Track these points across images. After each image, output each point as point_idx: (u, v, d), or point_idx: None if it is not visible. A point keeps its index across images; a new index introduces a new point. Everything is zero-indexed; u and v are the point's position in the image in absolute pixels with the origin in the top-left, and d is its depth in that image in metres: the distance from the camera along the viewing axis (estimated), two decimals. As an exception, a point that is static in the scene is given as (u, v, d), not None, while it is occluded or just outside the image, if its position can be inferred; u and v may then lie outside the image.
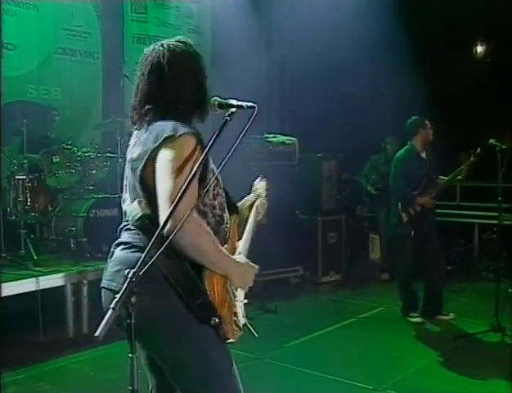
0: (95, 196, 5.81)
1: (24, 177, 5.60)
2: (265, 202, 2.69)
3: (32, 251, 5.40)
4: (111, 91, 7.16)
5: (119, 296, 1.63)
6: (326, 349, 5.09)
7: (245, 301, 2.30)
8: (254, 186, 2.76)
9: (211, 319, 2.01)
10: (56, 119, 6.34)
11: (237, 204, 2.48)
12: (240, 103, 1.94)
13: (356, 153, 7.80)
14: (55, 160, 5.81)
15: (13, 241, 5.56)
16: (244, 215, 2.54)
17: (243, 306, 2.27)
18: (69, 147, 5.96)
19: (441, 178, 5.70)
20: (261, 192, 2.71)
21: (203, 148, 2.01)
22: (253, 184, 2.78)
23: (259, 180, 2.80)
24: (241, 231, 2.42)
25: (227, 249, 2.18)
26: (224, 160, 1.79)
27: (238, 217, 2.39)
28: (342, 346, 5.13)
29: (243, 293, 2.26)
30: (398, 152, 5.88)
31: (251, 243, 2.43)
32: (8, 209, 5.63)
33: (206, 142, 1.89)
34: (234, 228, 2.29)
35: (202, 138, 2.05)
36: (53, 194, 5.98)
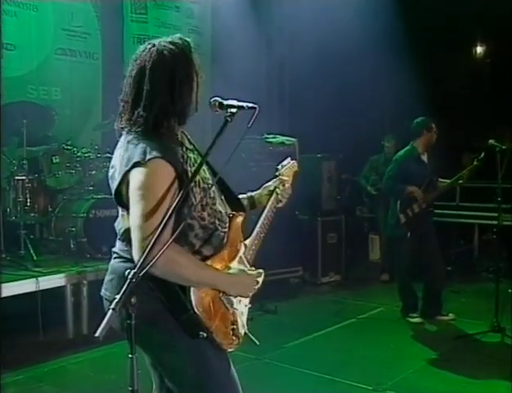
0: (95, 197, 5.81)
1: (23, 177, 5.60)
2: (288, 188, 2.48)
3: (32, 252, 5.39)
4: (111, 91, 7.10)
5: (119, 297, 1.63)
6: (326, 349, 5.09)
7: (249, 306, 2.25)
8: (279, 169, 2.54)
9: (199, 334, 1.98)
10: (56, 119, 6.34)
11: (243, 201, 2.37)
12: (241, 104, 1.94)
13: (355, 154, 7.81)
14: (55, 161, 5.81)
15: (13, 241, 5.56)
16: (261, 204, 2.42)
17: (245, 313, 2.22)
18: (68, 148, 5.96)
19: (441, 181, 5.70)
20: (285, 178, 2.49)
21: (176, 167, 1.96)
22: (277, 168, 2.54)
23: (287, 162, 2.58)
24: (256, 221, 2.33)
25: (226, 254, 2.14)
26: (225, 160, 1.79)
27: (245, 214, 2.28)
28: (341, 347, 5.13)
29: (246, 299, 2.21)
30: (397, 153, 5.87)
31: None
32: (8, 209, 5.63)
33: (207, 145, 1.88)
34: (237, 228, 2.20)
35: (174, 157, 1.99)
36: (53, 194, 5.97)
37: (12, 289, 4.76)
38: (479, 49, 9.44)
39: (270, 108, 8.84)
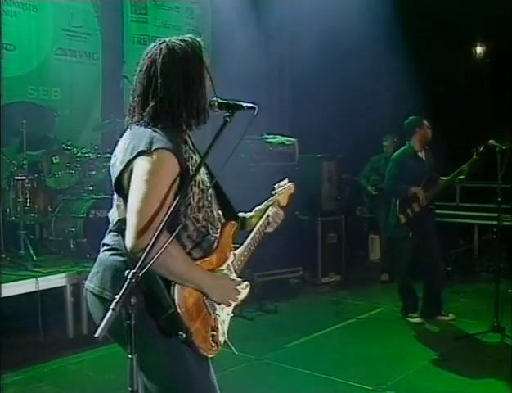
0: (94, 197, 5.81)
1: (23, 177, 5.61)
2: (281, 213, 2.44)
3: (31, 252, 5.40)
4: (111, 91, 7.17)
5: (119, 297, 1.63)
6: (326, 349, 5.09)
7: (231, 315, 2.23)
8: (276, 188, 2.50)
9: (178, 334, 1.95)
10: (56, 119, 6.34)
11: (238, 212, 2.35)
12: (240, 104, 1.93)
13: (356, 154, 7.81)
14: (54, 161, 5.82)
15: (13, 241, 5.57)
16: (251, 226, 2.38)
17: (227, 321, 2.20)
18: (68, 148, 5.97)
19: (441, 179, 5.70)
20: (280, 199, 2.45)
21: (180, 161, 1.96)
22: (274, 187, 2.50)
23: (285, 182, 2.54)
24: (244, 239, 2.31)
25: (214, 259, 2.13)
26: (223, 162, 1.79)
27: (237, 225, 2.27)
28: (341, 347, 5.13)
29: (228, 308, 2.19)
30: (395, 153, 5.89)
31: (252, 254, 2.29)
32: (8, 209, 5.63)
33: (206, 145, 1.88)
34: (228, 237, 2.20)
35: (179, 150, 1.98)
36: (53, 195, 5.98)
37: (12, 289, 4.76)
38: (479, 49, 9.44)
39: (270, 108, 8.84)
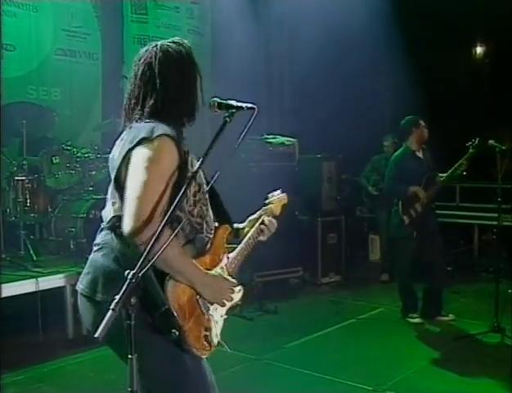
0: (94, 197, 5.81)
1: (23, 178, 5.60)
2: (274, 221, 2.41)
3: (31, 252, 5.40)
4: (111, 92, 7.16)
5: (119, 297, 1.63)
6: (326, 349, 5.09)
7: (225, 317, 2.21)
8: (269, 197, 2.51)
9: (170, 331, 1.93)
10: (56, 119, 6.34)
11: (230, 216, 2.34)
12: (240, 104, 1.93)
13: (355, 154, 7.80)
14: (54, 161, 5.82)
15: (13, 241, 5.56)
16: (246, 233, 2.37)
17: (220, 323, 2.19)
18: (68, 148, 5.97)
19: (440, 176, 5.68)
20: (273, 209, 2.45)
21: (180, 151, 1.98)
22: (267, 196, 2.51)
23: (278, 192, 2.53)
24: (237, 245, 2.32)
25: (208, 260, 2.14)
26: (225, 160, 1.79)
27: (229, 230, 2.28)
28: (341, 347, 5.13)
29: (222, 309, 2.18)
30: (393, 155, 5.90)
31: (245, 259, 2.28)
32: (8, 210, 5.63)
33: (206, 145, 1.87)
34: (221, 239, 2.21)
35: (180, 140, 2.02)
36: (53, 195, 5.98)
37: (12, 289, 4.76)
38: (479, 49, 9.44)
39: (270, 108, 8.84)
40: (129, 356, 1.71)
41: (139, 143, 1.96)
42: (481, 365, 4.55)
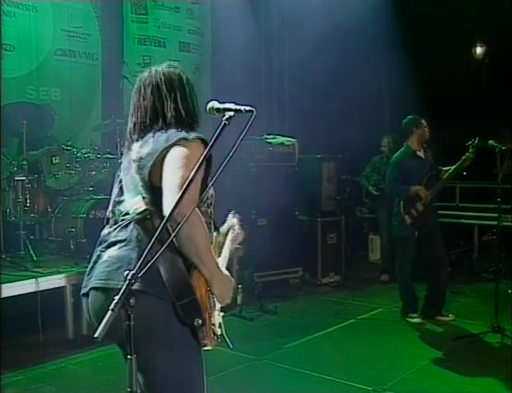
0: (94, 197, 5.81)
1: (23, 178, 5.60)
2: (240, 233, 2.61)
3: (31, 252, 5.39)
4: (111, 92, 7.17)
5: (118, 298, 1.63)
6: (326, 350, 5.09)
7: (222, 314, 2.31)
8: (228, 219, 2.64)
9: (194, 320, 2.03)
10: (56, 120, 6.34)
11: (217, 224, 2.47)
12: (238, 107, 1.92)
13: (355, 154, 7.80)
14: (54, 161, 5.82)
15: (13, 242, 5.57)
16: (220, 241, 2.51)
17: (220, 318, 2.30)
18: (68, 148, 5.97)
19: (444, 169, 5.64)
20: (233, 227, 2.61)
21: (209, 156, 2.10)
22: (227, 217, 2.65)
23: (232, 216, 2.66)
24: (219, 252, 2.45)
25: None
26: (220, 168, 1.80)
27: (219, 234, 2.42)
28: (341, 347, 5.13)
29: (218, 305, 2.28)
30: (394, 156, 5.90)
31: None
32: (8, 210, 5.63)
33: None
34: (215, 243, 2.36)
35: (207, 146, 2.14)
36: (53, 195, 5.97)
37: (12, 289, 4.76)
38: (479, 49, 9.44)
39: (270, 108, 8.85)
40: (128, 356, 1.71)
41: (178, 141, 2.13)
42: (481, 365, 4.55)
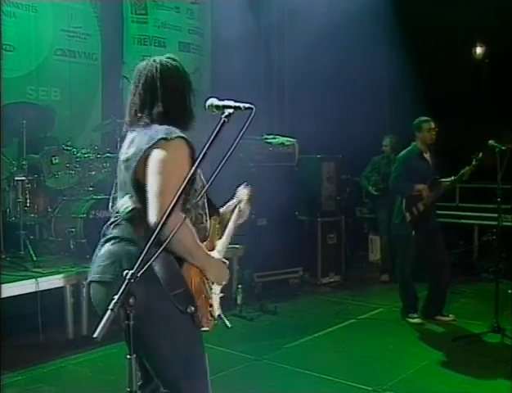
0: (94, 197, 5.81)
1: (23, 178, 5.60)
2: (246, 208, 2.77)
3: (31, 252, 5.39)
4: (111, 92, 7.16)
5: (117, 297, 1.63)
6: (326, 350, 5.09)
7: (221, 295, 2.44)
8: (237, 192, 2.85)
9: (187, 308, 2.15)
10: (56, 120, 6.34)
11: (219, 207, 2.61)
12: (238, 104, 1.93)
13: (355, 154, 7.80)
14: (54, 161, 5.81)
15: (13, 242, 5.56)
16: (227, 218, 2.69)
17: (218, 299, 2.43)
18: (68, 148, 5.96)
19: (443, 181, 5.68)
20: (242, 198, 2.80)
21: (192, 153, 2.21)
22: (237, 190, 2.86)
23: (243, 187, 2.88)
24: (223, 231, 2.60)
25: (207, 246, 2.35)
26: (220, 162, 1.80)
27: (219, 218, 2.55)
28: (341, 347, 5.13)
29: (219, 288, 2.41)
30: (401, 153, 5.89)
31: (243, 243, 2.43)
32: (8, 210, 5.62)
33: (203, 145, 1.89)
34: (214, 229, 2.47)
35: (192, 144, 2.23)
36: (52, 195, 5.97)
37: (12, 289, 4.75)
38: (479, 49, 9.43)
39: (270, 108, 8.84)
40: (128, 356, 1.71)
41: (157, 143, 2.16)
42: (481, 365, 4.55)
